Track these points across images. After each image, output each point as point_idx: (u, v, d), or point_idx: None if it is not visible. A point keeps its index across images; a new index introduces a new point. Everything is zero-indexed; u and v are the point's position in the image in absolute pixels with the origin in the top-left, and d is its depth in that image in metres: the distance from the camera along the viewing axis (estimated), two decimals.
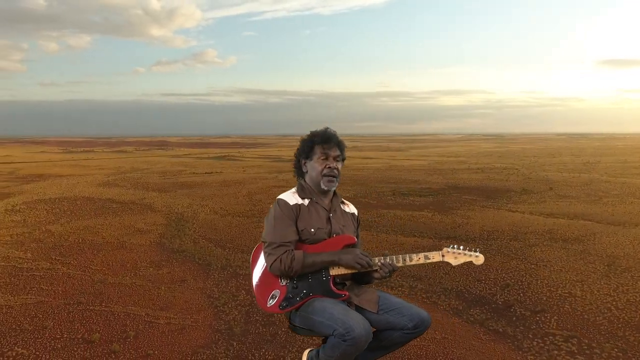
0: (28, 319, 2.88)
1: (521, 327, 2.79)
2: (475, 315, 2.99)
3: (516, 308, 3.08)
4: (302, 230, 1.90)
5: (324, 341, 1.91)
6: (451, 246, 1.91)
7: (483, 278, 3.68)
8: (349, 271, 1.86)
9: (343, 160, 2.04)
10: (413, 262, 1.86)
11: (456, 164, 16.76)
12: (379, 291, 1.97)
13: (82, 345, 2.54)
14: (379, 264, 1.85)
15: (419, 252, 1.88)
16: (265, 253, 1.87)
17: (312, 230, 1.89)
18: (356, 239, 1.96)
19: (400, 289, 3.47)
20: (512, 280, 3.62)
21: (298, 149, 2.07)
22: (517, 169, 14.33)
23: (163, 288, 3.47)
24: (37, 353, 2.45)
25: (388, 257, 1.86)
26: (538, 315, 2.96)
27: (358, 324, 1.65)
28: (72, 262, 4.15)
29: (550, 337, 2.65)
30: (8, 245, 4.75)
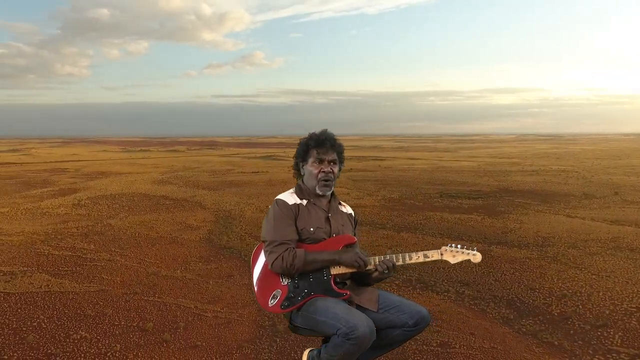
0: (90, 306, 3.11)
1: (580, 342, 2.61)
2: (528, 326, 2.83)
3: (574, 321, 2.88)
4: (301, 230, 1.91)
5: (324, 341, 1.92)
6: (449, 245, 1.91)
7: (537, 287, 3.48)
8: (349, 270, 1.87)
9: (341, 162, 2.04)
10: (412, 261, 1.87)
11: (508, 166, 15.96)
12: (378, 290, 1.97)
13: (137, 333, 2.70)
14: (377, 262, 1.86)
15: (418, 251, 1.90)
16: (266, 252, 1.88)
17: (312, 229, 1.91)
18: (355, 239, 1.97)
19: (446, 294, 3.36)
20: (570, 291, 3.38)
21: (296, 151, 2.08)
22: (577, 171, 13.39)
23: (211, 282, 3.61)
24: (98, 337, 2.64)
25: (387, 256, 1.87)
26: (600, 329, 2.75)
27: (362, 323, 1.65)
28: (129, 254, 4.43)
29: (614, 355, 2.45)
30: (75, 236, 5.15)
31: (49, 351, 2.48)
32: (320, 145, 1.97)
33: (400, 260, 1.87)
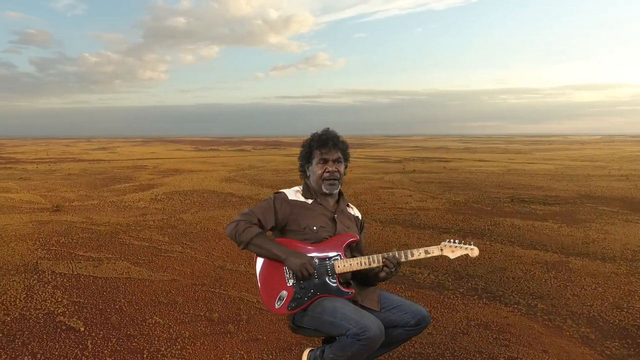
0: (164, 294, 3.36)
1: None
2: (613, 349, 2.54)
3: None
4: (304, 228, 1.89)
5: (325, 341, 1.89)
6: (448, 240, 1.91)
7: (625, 306, 3.12)
8: (352, 270, 1.86)
9: (346, 160, 2.03)
10: (414, 257, 1.86)
11: (592, 170, 14.52)
12: (379, 290, 1.96)
13: (204, 322, 2.86)
14: (380, 260, 1.83)
15: (419, 247, 1.89)
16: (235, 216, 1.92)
17: (315, 228, 1.89)
18: (358, 237, 1.95)
19: (516, 306, 3.14)
20: None
21: (300, 152, 2.07)
22: None
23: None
24: (170, 323, 2.84)
25: (390, 253, 1.85)
26: None
27: (373, 324, 1.63)
28: (198, 247, 4.71)
29: None
30: (152, 229, 5.60)
31: (129, 332, 2.71)
32: (323, 145, 1.96)
33: (403, 257, 1.86)
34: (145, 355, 2.44)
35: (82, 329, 2.75)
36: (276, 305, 1.83)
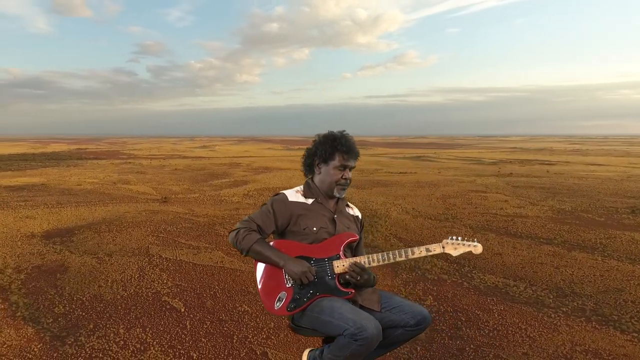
0: (252, 284, 3.56)
1: None
2: None
3: None
4: (304, 229, 1.89)
5: (325, 341, 1.85)
6: (450, 237, 1.88)
7: None
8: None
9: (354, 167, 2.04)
10: (415, 255, 1.85)
11: None
12: (379, 290, 1.96)
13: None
14: (390, 255, 1.84)
15: (420, 245, 1.87)
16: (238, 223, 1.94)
17: (315, 229, 1.89)
18: (358, 236, 1.94)
19: (636, 334, 2.71)
20: None
21: (315, 148, 2.00)
22: None
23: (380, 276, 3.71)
24: (257, 313, 3.00)
25: (391, 252, 1.85)
26: None
27: (370, 324, 1.63)
28: None
29: None
30: None
31: (221, 317, 2.94)
32: (348, 152, 1.95)
33: (403, 255, 1.85)
34: (234, 340, 2.61)
35: (182, 309, 3.05)
36: (275, 306, 1.84)
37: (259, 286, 1.90)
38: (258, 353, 2.48)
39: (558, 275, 3.82)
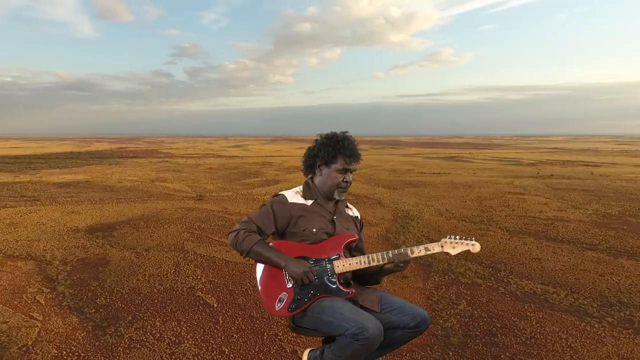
0: None
1: None
2: None
3: None
4: (303, 231, 1.90)
5: (325, 341, 1.84)
6: (449, 236, 1.90)
7: None
8: (352, 269, 1.86)
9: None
10: (414, 255, 1.85)
11: None
12: (379, 291, 1.95)
13: None
14: (390, 256, 1.84)
15: (419, 244, 1.88)
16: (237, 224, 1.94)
17: (314, 230, 1.90)
18: (357, 237, 1.94)
19: None
20: None
21: (316, 149, 1.99)
22: None
23: (386, 280, 3.67)
24: None
25: (390, 252, 1.85)
26: None
27: (371, 324, 1.62)
28: None
29: None
30: None
31: (252, 314, 2.98)
32: (351, 155, 1.95)
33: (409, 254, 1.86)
34: (265, 337, 2.65)
35: (215, 305, 3.12)
36: (276, 306, 1.83)
37: (260, 287, 1.90)
38: (288, 351, 2.50)
39: (603, 283, 3.61)
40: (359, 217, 2.12)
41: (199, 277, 3.70)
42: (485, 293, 3.39)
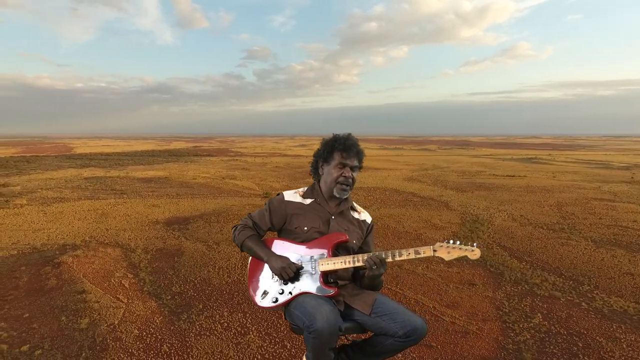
0: None
1: None
2: None
3: None
4: (295, 228, 1.94)
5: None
6: (445, 241, 1.82)
7: None
8: (338, 268, 1.84)
9: (360, 169, 2.03)
10: (402, 257, 1.78)
11: None
12: (379, 295, 1.89)
13: None
14: (365, 258, 1.80)
15: (409, 247, 1.82)
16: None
17: (306, 228, 1.93)
18: (348, 237, 1.90)
19: None
20: None
21: (318, 149, 2.06)
22: None
23: (451, 286, 3.52)
24: None
25: (361, 256, 1.82)
26: None
27: (322, 316, 1.59)
28: (377, 243, 4.86)
29: None
30: None
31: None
32: (346, 149, 1.97)
33: (390, 257, 1.79)
34: None
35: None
36: (260, 299, 1.90)
37: (248, 279, 2.01)
38: None
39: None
40: (368, 222, 2.09)
41: None
42: (565, 308, 3.10)
